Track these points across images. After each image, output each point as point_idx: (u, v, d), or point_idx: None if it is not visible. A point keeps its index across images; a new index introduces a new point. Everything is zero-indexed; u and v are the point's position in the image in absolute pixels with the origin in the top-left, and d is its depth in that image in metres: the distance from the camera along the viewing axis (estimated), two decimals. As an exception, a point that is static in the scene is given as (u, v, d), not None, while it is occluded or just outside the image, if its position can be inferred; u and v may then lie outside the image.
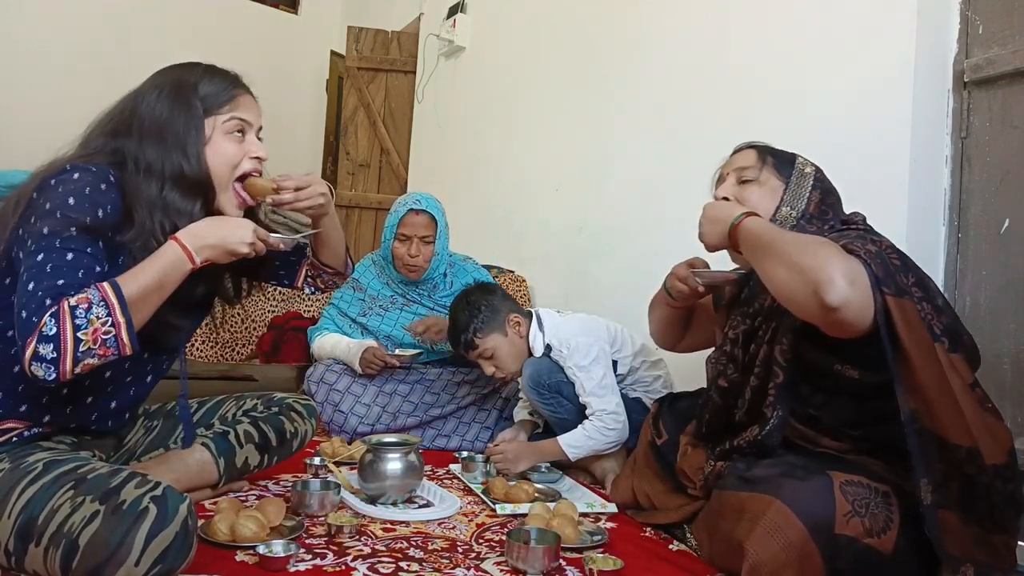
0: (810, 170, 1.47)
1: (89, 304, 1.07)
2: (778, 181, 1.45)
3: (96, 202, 1.16)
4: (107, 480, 1.09)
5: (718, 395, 1.48)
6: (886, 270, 1.18)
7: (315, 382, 2.31)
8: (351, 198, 4.50)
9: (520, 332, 2.02)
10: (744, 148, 1.55)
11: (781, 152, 1.51)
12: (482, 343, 1.98)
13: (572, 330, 1.98)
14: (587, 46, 2.98)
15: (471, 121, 3.80)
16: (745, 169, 1.48)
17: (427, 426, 2.29)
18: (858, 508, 1.12)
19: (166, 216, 1.24)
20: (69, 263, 1.11)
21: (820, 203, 1.44)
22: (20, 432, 1.22)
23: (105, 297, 1.09)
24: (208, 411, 1.61)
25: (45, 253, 1.11)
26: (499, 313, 2.00)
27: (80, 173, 1.17)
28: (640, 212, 2.62)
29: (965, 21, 1.79)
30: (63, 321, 1.05)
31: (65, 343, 1.05)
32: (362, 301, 2.50)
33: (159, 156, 1.24)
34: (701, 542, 1.41)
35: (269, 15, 5.52)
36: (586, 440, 1.85)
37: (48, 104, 4.10)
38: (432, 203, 2.43)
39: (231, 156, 1.30)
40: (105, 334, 1.08)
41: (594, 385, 1.88)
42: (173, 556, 1.04)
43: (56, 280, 1.09)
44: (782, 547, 1.10)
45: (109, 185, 1.19)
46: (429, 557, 1.32)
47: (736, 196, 1.46)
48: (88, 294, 1.08)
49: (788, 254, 1.20)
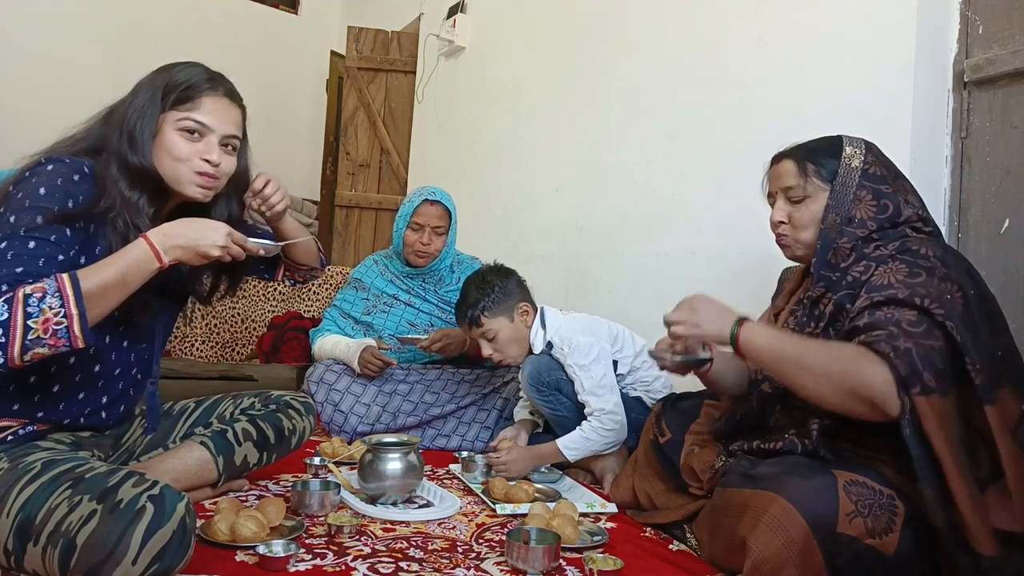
0: (858, 162, 1.37)
1: (44, 294, 1.08)
2: (825, 185, 1.38)
3: (67, 192, 1.18)
4: (105, 479, 1.09)
5: (758, 399, 1.42)
6: (917, 360, 1.11)
7: (315, 382, 2.31)
8: (351, 198, 4.50)
9: (527, 322, 2.03)
10: (783, 159, 1.45)
11: (823, 148, 1.41)
12: (487, 323, 1.99)
13: (574, 329, 1.99)
14: (587, 46, 2.98)
15: (471, 121, 3.80)
16: (791, 188, 1.41)
17: (427, 426, 2.29)
18: (861, 508, 1.12)
19: (123, 204, 1.25)
20: (31, 251, 1.12)
21: (872, 201, 1.34)
22: (15, 431, 1.22)
23: (61, 288, 1.09)
24: (206, 410, 1.61)
25: (8, 241, 1.12)
26: (511, 298, 2.01)
27: (54, 165, 1.20)
28: (640, 212, 2.62)
29: (965, 21, 1.79)
30: (15, 308, 1.06)
31: (14, 329, 1.06)
32: (366, 300, 2.51)
33: (124, 149, 1.26)
34: (702, 541, 1.41)
35: (269, 15, 5.52)
36: (584, 441, 1.85)
37: (48, 104, 4.10)
38: (446, 196, 2.47)
39: (178, 152, 1.28)
40: (56, 324, 1.08)
41: (593, 384, 1.88)
42: (171, 555, 1.04)
43: (15, 267, 1.10)
44: (784, 544, 1.10)
45: (83, 176, 1.22)
46: (429, 557, 1.32)
47: (791, 217, 1.42)
48: (44, 284, 1.09)
49: (808, 372, 1.18)
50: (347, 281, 2.62)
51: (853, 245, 1.34)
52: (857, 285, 1.29)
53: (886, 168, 1.39)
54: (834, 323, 1.32)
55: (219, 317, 2.91)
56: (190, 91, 1.29)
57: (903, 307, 1.18)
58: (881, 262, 1.27)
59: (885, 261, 1.26)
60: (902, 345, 1.13)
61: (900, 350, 1.12)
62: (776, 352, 1.23)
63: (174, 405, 1.62)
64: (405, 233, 2.42)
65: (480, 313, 1.98)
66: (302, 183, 5.28)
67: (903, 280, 1.21)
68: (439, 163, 4.08)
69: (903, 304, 1.18)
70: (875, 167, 1.37)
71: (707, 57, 2.37)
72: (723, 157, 2.29)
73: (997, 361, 1.23)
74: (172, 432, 1.55)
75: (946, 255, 1.26)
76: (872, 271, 1.27)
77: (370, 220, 4.53)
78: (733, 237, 2.21)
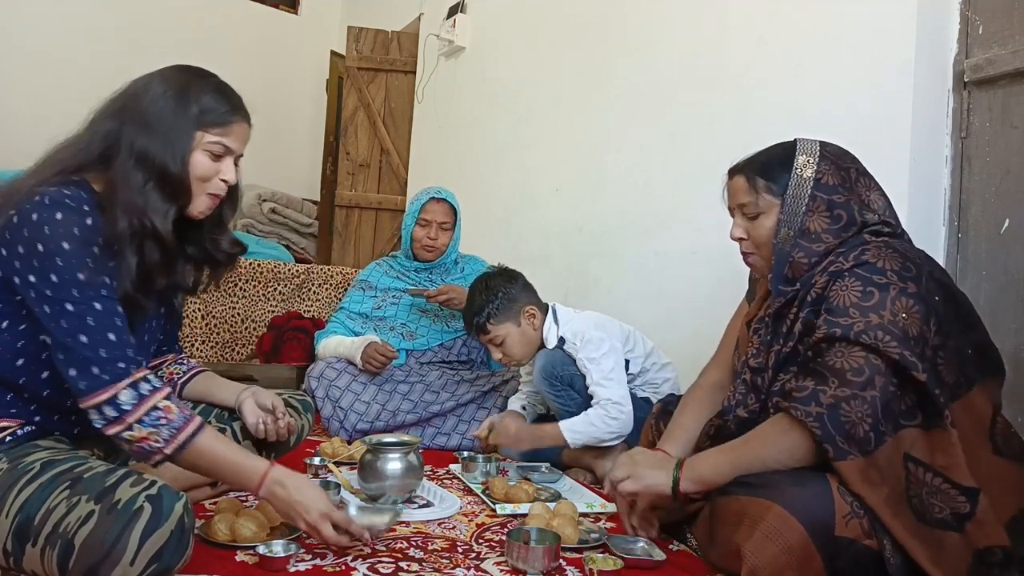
0: (810, 172, 1.34)
1: (167, 421, 1.17)
2: (777, 200, 1.36)
3: (87, 240, 1.18)
4: (103, 479, 1.09)
5: (736, 426, 1.40)
6: (828, 425, 1.15)
7: (315, 378, 2.32)
8: (351, 198, 4.50)
9: (534, 324, 2.04)
10: (734, 174, 1.45)
11: (775, 160, 1.40)
12: (494, 330, 2.00)
13: (587, 324, 2.01)
14: (587, 46, 2.98)
15: (471, 121, 3.80)
16: (744, 205, 1.41)
17: (427, 424, 2.29)
18: (856, 509, 1.13)
19: (145, 206, 1.25)
20: (99, 313, 1.17)
21: (825, 212, 1.33)
22: (14, 431, 1.22)
23: (181, 429, 1.18)
24: (204, 410, 1.61)
25: (74, 305, 1.16)
26: (516, 302, 2.02)
27: (61, 212, 1.17)
28: (640, 212, 2.63)
29: (965, 21, 1.79)
30: (138, 408, 1.16)
31: (124, 422, 1.16)
32: (374, 298, 2.57)
33: (153, 148, 1.26)
34: (701, 543, 1.41)
35: (269, 15, 5.51)
36: (588, 426, 1.85)
37: (48, 104, 4.09)
38: (451, 195, 2.58)
39: (204, 171, 1.31)
40: (148, 445, 1.17)
41: (602, 375, 1.90)
42: (169, 555, 1.04)
43: (107, 333, 1.17)
44: (782, 550, 1.10)
45: (90, 213, 1.20)
46: (429, 557, 1.32)
47: (749, 232, 1.42)
48: (176, 413, 1.19)
49: (758, 468, 1.23)
50: (352, 284, 2.66)
51: (811, 261, 1.32)
52: (819, 301, 1.27)
53: (842, 174, 1.36)
54: (802, 340, 1.31)
55: (219, 317, 2.91)
56: (226, 117, 1.32)
57: (852, 346, 1.18)
58: (838, 276, 1.25)
59: (841, 275, 1.25)
60: (814, 410, 1.17)
61: (812, 415, 1.16)
62: (729, 471, 1.26)
63: None
64: (413, 229, 2.53)
65: (486, 321, 2.00)
66: (302, 183, 5.28)
67: (856, 303, 1.20)
68: (439, 163, 4.08)
69: (852, 343, 1.18)
70: (828, 176, 1.34)
71: (707, 57, 2.37)
72: (723, 157, 2.28)
73: (967, 361, 1.23)
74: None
75: (906, 262, 1.24)
76: (830, 286, 1.26)
77: (370, 220, 4.53)
78: (733, 237, 2.21)
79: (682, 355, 2.12)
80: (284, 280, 3.09)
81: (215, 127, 1.30)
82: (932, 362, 1.19)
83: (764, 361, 1.39)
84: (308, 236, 4.86)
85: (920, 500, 1.13)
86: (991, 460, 1.20)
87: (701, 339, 2.29)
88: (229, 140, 1.32)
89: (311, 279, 3.18)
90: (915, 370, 1.15)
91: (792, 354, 1.33)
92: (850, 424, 1.15)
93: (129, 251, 1.24)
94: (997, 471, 1.19)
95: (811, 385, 1.20)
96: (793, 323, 1.33)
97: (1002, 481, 1.18)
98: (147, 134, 1.26)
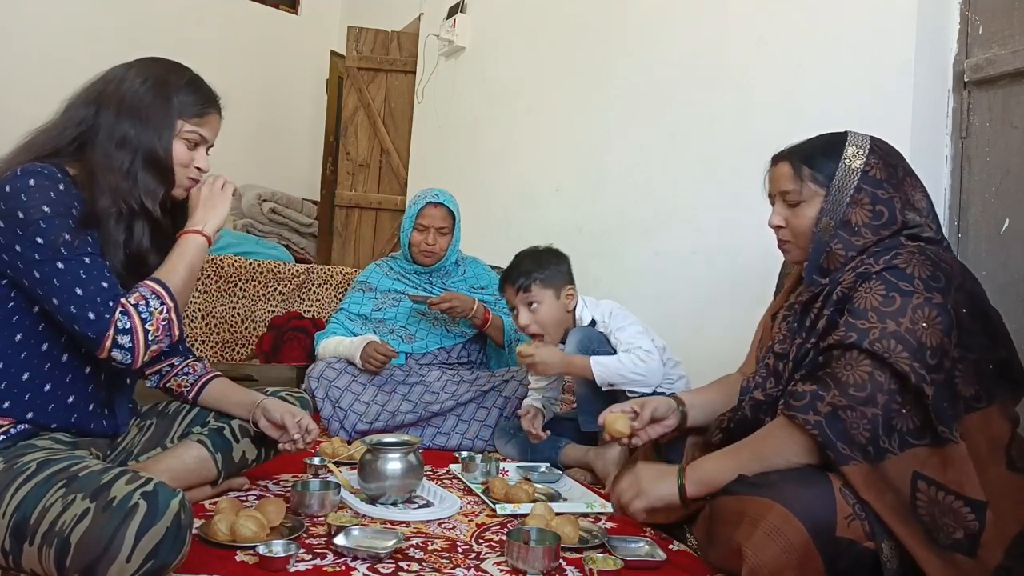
0: (859, 163, 1.33)
1: (146, 299, 1.26)
2: (821, 189, 1.35)
3: (65, 203, 1.25)
4: (98, 477, 1.09)
5: (750, 408, 1.41)
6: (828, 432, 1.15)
7: (315, 378, 2.32)
8: (351, 198, 4.50)
9: (568, 305, 2.06)
10: (780, 161, 1.43)
11: (822, 148, 1.38)
12: (536, 292, 2.02)
13: (612, 305, 2.06)
14: (587, 46, 2.98)
15: (471, 121, 3.80)
16: (787, 192, 1.39)
17: (426, 424, 2.29)
18: (858, 511, 1.12)
19: (134, 187, 1.32)
20: (89, 266, 1.24)
21: (869, 206, 1.31)
22: (7, 429, 1.23)
23: (155, 291, 1.28)
24: (202, 409, 1.61)
25: (64, 263, 1.22)
26: (562, 277, 2.06)
27: (34, 178, 1.23)
28: (640, 212, 2.63)
29: (965, 21, 1.79)
30: (132, 318, 1.24)
31: (137, 335, 1.25)
32: (374, 299, 2.56)
33: (136, 133, 1.33)
34: (701, 544, 1.41)
35: (269, 15, 5.52)
36: (616, 364, 1.88)
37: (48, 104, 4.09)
38: (449, 198, 2.54)
39: (182, 157, 1.40)
40: (163, 320, 1.28)
41: (630, 336, 1.94)
42: (165, 552, 1.04)
43: (100, 283, 1.24)
44: (782, 549, 1.10)
45: (64, 182, 1.26)
46: (429, 557, 1.32)
47: (788, 221, 1.40)
48: (139, 291, 1.27)
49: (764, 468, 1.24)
50: (352, 285, 2.65)
51: (848, 255, 1.31)
52: (844, 301, 1.27)
53: (890, 170, 1.35)
54: (824, 338, 1.30)
55: (219, 317, 2.91)
56: (203, 108, 1.40)
57: (861, 357, 1.18)
58: (865, 278, 1.25)
59: (869, 277, 1.24)
60: (812, 418, 1.18)
61: (811, 423, 1.17)
62: (728, 477, 1.27)
63: (169, 404, 1.61)
64: (411, 234, 2.50)
65: (532, 282, 2.02)
66: (302, 183, 5.28)
67: (876, 307, 1.20)
68: (439, 163, 4.08)
69: (862, 353, 1.18)
70: (877, 169, 1.33)
71: (707, 57, 2.37)
72: (723, 157, 2.29)
73: (988, 376, 1.22)
74: (169, 432, 1.55)
75: (936, 271, 1.22)
76: (856, 286, 1.25)
77: (370, 220, 4.53)
78: (733, 237, 2.21)
79: (682, 355, 2.12)
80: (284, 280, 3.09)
81: (193, 117, 1.39)
82: (949, 373, 1.18)
83: (788, 348, 1.39)
84: (308, 236, 4.86)
85: (932, 519, 1.12)
86: (1003, 475, 1.19)
87: (701, 339, 2.30)
88: (204, 130, 1.41)
89: (311, 279, 3.17)
90: (923, 383, 1.14)
91: (815, 350, 1.32)
92: (850, 431, 1.15)
93: (115, 230, 1.30)
94: (1008, 485, 1.17)
95: (811, 390, 1.20)
96: (817, 319, 1.33)
97: (1013, 495, 1.17)
98: (129, 121, 1.33)
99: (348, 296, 2.60)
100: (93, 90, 1.38)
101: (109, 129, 1.32)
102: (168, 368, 1.59)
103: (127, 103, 1.34)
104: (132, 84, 1.35)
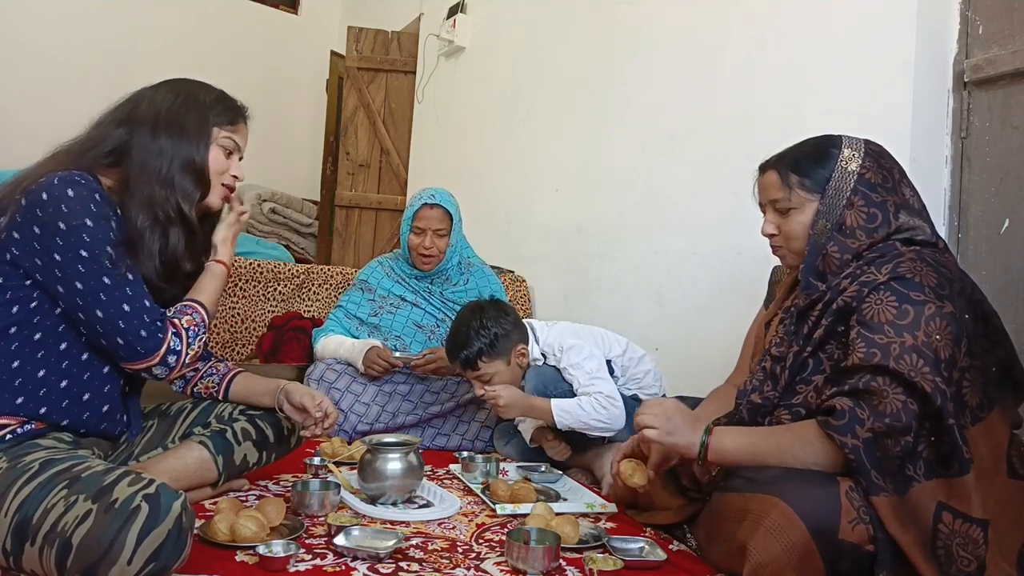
0: (855, 166, 1.33)
1: (196, 328, 1.39)
2: (811, 195, 1.35)
3: (104, 214, 1.28)
4: (100, 478, 1.09)
5: (747, 411, 1.41)
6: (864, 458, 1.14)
7: (315, 380, 2.31)
8: (351, 198, 4.50)
9: (522, 363, 1.99)
10: (766, 170, 1.43)
11: (810, 154, 1.39)
12: (484, 367, 1.94)
13: (562, 335, 1.99)
14: (587, 46, 2.98)
15: (471, 121, 3.80)
16: (776, 201, 1.40)
17: (427, 425, 2.29)
18: (863, 515, 1.12)
19: (171, 193, 1.37)
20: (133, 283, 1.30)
21: (864, 208, 1.31)
22: (14, 429, 1.23)
23: (204, 320, 1.42)
24: (204, 410, 1.61)
25: (110, 277, 1.27)
26: (509, 341, 1.96)
27: (72, 188, 1.25)
28: (640, 212, 2.63)
29: (965, 21, 1.79)
30: (183, 341, 1.36)
31: (182, 358, 1.37)
32: (372, 302, 2.51)
33: (172, 143, 1.39)
34: (701, 543, 1.41)
35: (269, 15, 5.51)
36: (577, 409, 1.85)
37: (48, 104, 4.10)
38: (446, 197, 2.46)
39: (219, 165, 1.47)
40: (201, 346, 1.40)
41: (588, 377, 1.90)
42: (167, 554, 1.04)
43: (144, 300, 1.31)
44: (784, 548, 1.09)
45: (101, 195, 1.29)
46: (429, 557, 1.32)
47: (780, 228, 1.41)
48: (191, 316, 1.40)
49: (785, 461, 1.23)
50: (352, 283, 2.61)
51: (843, 258, 1.31)
52: (847, 312, 1.26)
53: (885, 174, 1.35)
54: (823, 347, 1.30)
55: (219, 317, 2.90)
56: (235, 116, 1.49)
57: (894, 381, 1.16)
58: (872, 288, 1.23)
59: (877, 288, 1.23)
60: (849, 442, 1.16)
61: (849, 447, 1.16)
62: (748, 454, 1.27)
63: (171, 405, 1.62)
64: (409, 237, 2.44)
65: (477, 358, 1.92)
66: (302, 183, 5.28)
67: (891, 320, 1.19)
68: (439, 163, 4.08)
69: (891, 375, 1.16)
70: (871, 172, 1.33)
71: (707, 57, 2.37)
72: (723, 157, 2.29)
73: (990, 380, 1.22)
74: (170, 432, 1.55)
75: (941, 278, 1.22)
76: (863, 297, 1.24)
77: (370, 220, 4.53)
78: (733, 237, 2.21)
79: (681, 355, 2.12)
80: (284, 280, 3.09)
81: (228, 125, 1.47)
82: (958, 384, 1.18)
83: (785, 352, 1.38)
84: (308, 236, 4.86)
85: (948, 554, 1.12)
86: (1005, 483, 1.18)
87: (700, 339, 2.30)
88: (238, 137, 1.49)
89: (311, 279, 3.17)
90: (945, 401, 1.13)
91: (813, 359, 1.32)
92: (884, 461, 1.14)
93: (151, 240, 1.35)
94: (1011, 494, 1.17)
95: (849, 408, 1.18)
96: (814, 328, 1.32)
97: (1017, 506, 1.17)
98: (165, 134, 1.38)
99: (348, 293, 2.57)
100: (123, 111, 1.41)
101: (145, 144, 1.37)
102: (193, 373, 1.60)
103: (163, 118, 1.39)
104: (165, 100, 1.42)
